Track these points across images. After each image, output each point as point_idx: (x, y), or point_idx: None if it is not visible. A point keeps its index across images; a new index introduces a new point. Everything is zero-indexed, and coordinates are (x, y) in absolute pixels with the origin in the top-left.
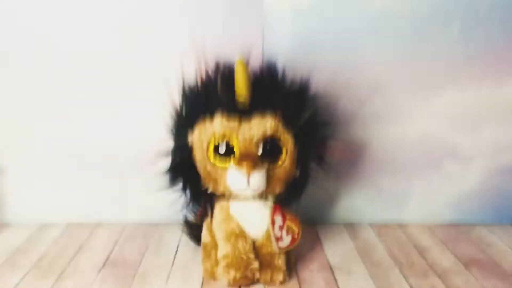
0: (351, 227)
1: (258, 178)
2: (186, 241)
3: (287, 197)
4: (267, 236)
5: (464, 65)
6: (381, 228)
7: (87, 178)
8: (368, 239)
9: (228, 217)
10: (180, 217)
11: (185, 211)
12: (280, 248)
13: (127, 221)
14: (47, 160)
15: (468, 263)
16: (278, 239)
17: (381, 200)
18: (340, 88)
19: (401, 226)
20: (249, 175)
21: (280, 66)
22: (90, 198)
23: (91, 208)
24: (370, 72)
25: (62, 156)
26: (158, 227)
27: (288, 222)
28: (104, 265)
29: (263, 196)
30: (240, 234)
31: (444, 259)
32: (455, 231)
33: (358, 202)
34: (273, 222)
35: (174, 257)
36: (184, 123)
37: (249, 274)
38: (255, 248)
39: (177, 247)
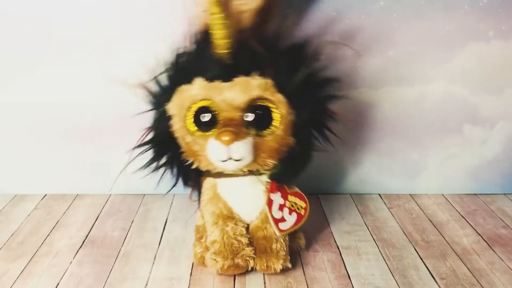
0: (360, 199)
1: (240, 148)
2: (175, 215)
3: (285, 172)
4: (263, 218)
5: (488, 19)
6: (392, 200)
7: (66, 146)
8: (379, 213)
9: (216, 197)
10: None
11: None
12: (281, 231)
13: (110, 192)
14: (22, 128)
15: (490, 240)
16: (278, 221)
17: (392, 168)
18: (348, 42)
19: (415, 197)
20: (229, 146)
21: None
22: (70, 167)
23: (71, 178)
24: (383, 24)
25: (39, 123)
26: (144, 199)
27: (291, 198)
28: (82, 244)
29: (255, 171)
30: (229, 217)
31: (464, 236)
32: (474, 202)
33: (367, 171)
34: (269, 203)
35: (161, 235)
36: (161, 88)
37: (241, 262)
38: (250, 232)
39: (165, 222)
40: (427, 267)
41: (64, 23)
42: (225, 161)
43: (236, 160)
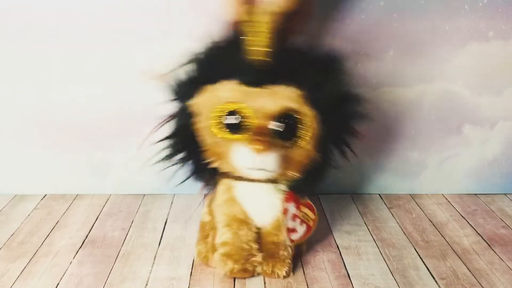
0: (360, 199)
1: (271, 160)
2: (175, 215)
3: (304, 184)
4: (276, 225)
5: (488, 19)
6: (392, 200)
7: (66, 146)
8: (379, 213)
9: (232, 199)
10: (168, 188)
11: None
12: (292, 241)
13: (110, 192)
14: (22, 128)
15: (491, 241)
16: (291, 230)
17: (392, 168)
18: (348, 41)
19: (415, 197)
20: (260, 155)
21: None
22: (70, 167)
23: (71, 178)
24: (383, 24)
25: (40, 123)
26: (144, 199)
27: (303, 209)
28: (82, 244)
29: (275, 179)
30: (243, 220)
31: (464, 236)
32: (474, 202)
33: (368, 171)
34: (285, 211)
35: (161, 235)
36: (188, 83)
37: (249, 267)
38: (260, 237)
39: (165, 222)
40: (427, 267)
41: (65, 22)
42: (252, 169)
43: (265, 171)
